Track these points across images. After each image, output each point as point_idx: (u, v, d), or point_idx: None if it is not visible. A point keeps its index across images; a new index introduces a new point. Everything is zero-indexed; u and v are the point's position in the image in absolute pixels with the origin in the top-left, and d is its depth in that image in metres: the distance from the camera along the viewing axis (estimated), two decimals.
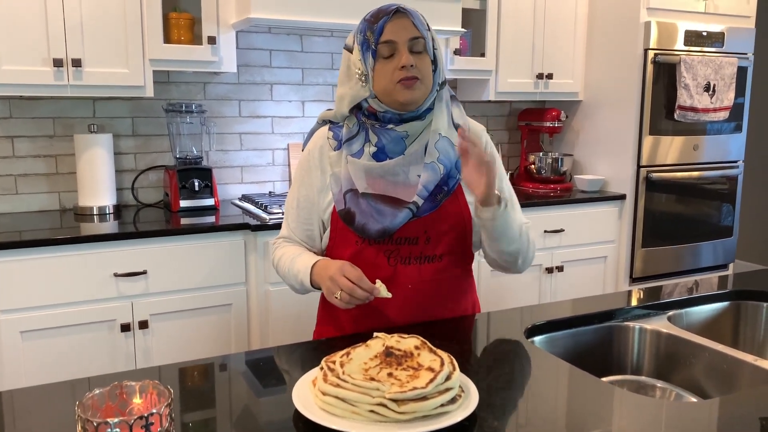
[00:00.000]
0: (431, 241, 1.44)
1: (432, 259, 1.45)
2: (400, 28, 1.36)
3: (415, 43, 1.37)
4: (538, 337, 1.42)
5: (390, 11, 1.37)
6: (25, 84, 2.37)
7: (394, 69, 1.36)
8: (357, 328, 1.46)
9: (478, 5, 3.19)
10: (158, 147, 2.91)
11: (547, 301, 3.17)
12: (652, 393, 1.47)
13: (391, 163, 1.41)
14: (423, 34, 1.38)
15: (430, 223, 1.43)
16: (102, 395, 0.86)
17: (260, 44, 3.03)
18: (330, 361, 1.06)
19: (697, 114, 3.28)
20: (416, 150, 1.42)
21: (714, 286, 1.74)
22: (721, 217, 3.56)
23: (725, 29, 3.36)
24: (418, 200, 1.40)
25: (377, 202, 1.40)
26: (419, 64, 1.37)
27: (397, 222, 1.40)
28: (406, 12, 1.38)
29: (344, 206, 1.42)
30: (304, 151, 1.53)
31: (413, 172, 1.41)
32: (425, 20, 1.42)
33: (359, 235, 1.42)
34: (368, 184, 1.41)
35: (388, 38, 1.36)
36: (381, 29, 1.36)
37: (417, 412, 0.95)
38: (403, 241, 1.43)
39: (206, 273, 2.43)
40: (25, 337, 2.21)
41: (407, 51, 1.36)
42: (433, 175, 1.40)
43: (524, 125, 3.62)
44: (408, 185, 1.41)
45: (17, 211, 2.71)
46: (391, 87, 1.37)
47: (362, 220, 1.41)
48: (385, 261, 1.44)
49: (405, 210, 1.40)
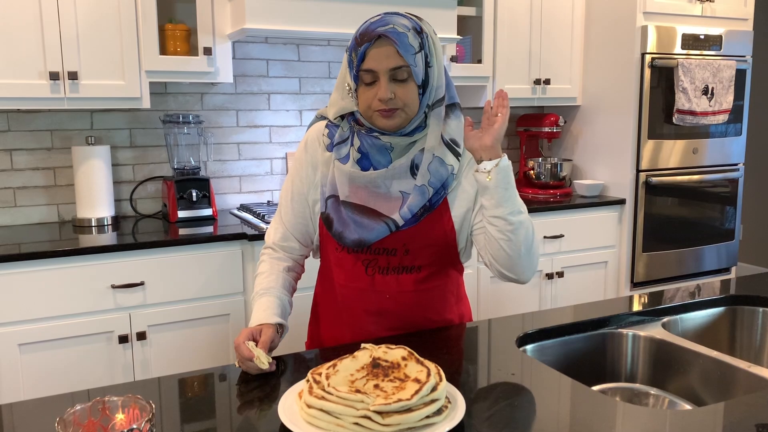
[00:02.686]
0: (410, 253, 1.42)
1: (411, 269, 1.43)
2: (382, 56, 1.30)
3: (398, 72, 1.31)
4: (529, 345, 1.41)
5: (373, 36, 1.29)
6: (22, 97, 2.38)
7: (373, 97, 1.33)
8: (337, 339, 1.46)
9: (474, 12, 3.20)
10: (156, 158, 2.92)
11: (548, 308, 3.16)
12: (646, 400, 1.46)
13: (374, 174, 1.38)
14: (408, 61, 1.29)
15: (409, 238, 1.40)
16: (84, 411, 0.86)
17: (257, 54, 3.04)
18: (316, 373, 1.05)
19: (695, 117, 3.27)
20: (401, 164, 1.38)
21: (716, 291, 1.73)
22: (723, 220, 3.54)
23: (723, 32, 3.35)
24: (399, 220, 1.37)
25: (355, 212, 1.39)
26: (401, 93, 1.31)
27: (374, 235, 1.38)
28: (390, 38, 1.29)
29: (325, 210, 1.42)
30: (300, 143, 1.53)
31: (395, 186, 1.39)
32: (418, 38, 1.31)
33: (338, 242, 1.42)
34: (350, 191, 1.40)
35: (369, 66, 1.31)
36: (362, 56, 1.31)
37: (402, 424, 0.95)
38: (381, 251, 1.42)
39: (204, 283, 2.43)
40: (23, 349, 2.21)
41: (387, 81, 1.31)
42: (421, 199, 1.37)
43: (523, 131, 3.62)
44: (389, 198, 1.39)
45: (16, 223, 2.72)
46: (369, 113, 1.35)
47: (339, 228, 1.40)
48: (363, 270, 1.43)
49: (383, 224, 1.37)
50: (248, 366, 1.24)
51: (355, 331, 1.45)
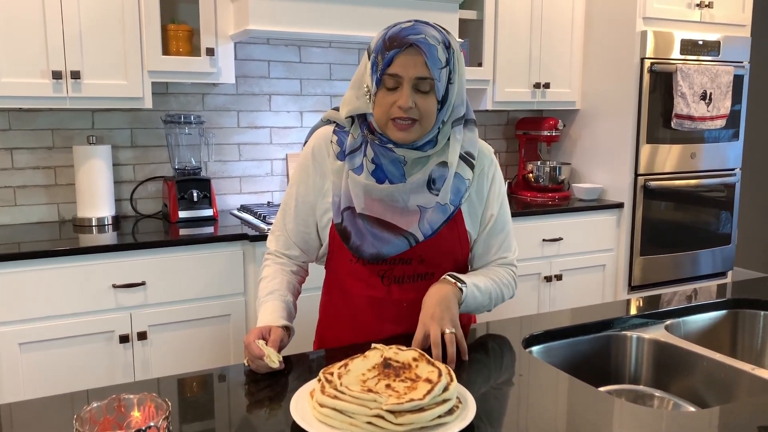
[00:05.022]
0: (425, 261, 1.43)
1: (425, 276, 1.44)
2: (410, 64, 1.29)
3: (421, 83, 1.30)
4: (535, 347, 1.42)
5: (404, 44, 1.28)
6: (24, 96, 2.38)
7: (393, 103, 1.31)
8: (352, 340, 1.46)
9: (475, 15, 3.21)
10: (157, 158, 2.92)
11: (546, 311, 3.17)
12: (650, 402, 1.47)
13: (392, 188, 1.38)
14: (433, 75, 1.29)
15: (425, 249, 1.41)
16: (100, 408, 0.86)
17: (258, 55, 3.04)
18: (328, 373, 1.06)
19: (693, 122, 3.29)
20: (419, 179, 1.38)
21: (713, 295, 1.74)
22: (720, 224, 3.57)
23: (721, 38, 3.38)
24: (419, 235, 1.37)
25: (374, 225, 1.38)
26: (421, 104, 1.31)
27: (393, 249, 1.38)
28: (421, 48, 1.28)
29: (341, 222, 1.40)
30: (305, 149, 1.50)
31: (413, 200, 1.38)
32: (446, 54, 1.31)
33: (353, 254, 1.42)
34: (366, 204, 1.38)
35: (395, 71, 1.29)
36: (390, 60, 1.29)
37: (414, 423, 0.95)
38: (396, 261, 1.42)
39: (205, 284, 2.43)
40: (24, 349, 2.21)
41: (410, 90, 1.30)
42: (442, 216, 1.38)
43: (522, 134, 3.64)
44: (406, 213, 1.38)
45: (16, 222, 2.71)
46: (384, 120, 1.34)
47: (357, 241, 1.39)
48: (379, 281, 1.43)
49: (402, 239, 1.37)
50: (258, 365, 1.24)
51: (369, 339, 1.45)
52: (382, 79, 1.31)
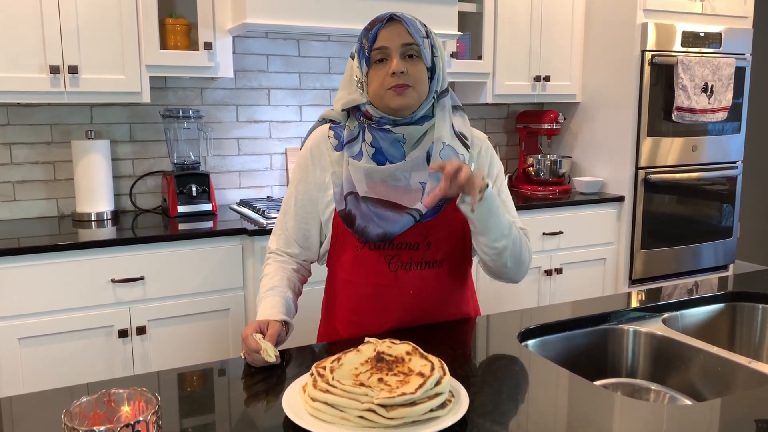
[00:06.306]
0: (432, 246, 1.43)
1: (432, 264, 1.44)
2: (393, 34, 1.36)
3: (408, 49, 1.36)
4: (531, 340, 1.42)
5: (384, 18, 1.38)
6: (22, 91, 2.37)
7: (385, 75, 1.36)
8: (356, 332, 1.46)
9: (475, 8, 3.20)
10: (156, 152, 2.92)
11: (546, 304, 3.16)
12: (646, 396, 1.47)
13: (392, 167, 1.40)
14: (417, 41, 1.36)
15: (430, 229, 1.42)
16: (90, 403, 0.86)
17: (257, 49, 3.03)
18: (320, 367, 1.06)
19: (695, 115, 3.28)
20: (418, 156, 1.40)
21: (714, 287, 1.73)
22: (721, 217, 3.55)
23: (723, 30, 3.36)
24: (422, 208, 1.38)
25: (378, 206, 1.39)
26: (412, 70, 1.36)
27: (399, 227, 1.39)
28: (401, 19, 1.37)
29: (345, 207, 1.41)
30: (303, 149, 1.52)
31: (415, 178, 1.40)
32: (424, 28, 1.41)
33: (359, 239, 1.42)
34: (369, 187, 1.40)
35: (381, 44, 1.37)
36: (374, 36, 1.37)
37: (406, 417, 0.95)
38: (403, 246, 1.42)
39: (204, 278, 2.43)
40: (23, 343, 2.21)
41: (399, 57, 1.36)
42: (437, 185, 1.37)
43: (522, 127, 3.62)
44: (409, 190, 1.40)
45: (15, 217, 2.71)
46: (381, 92, 1.37)
47: (362, 223, 1.40)
48: (386, 267, 1.43)
49: (407, 215, 1.39)
50: (254, 358, 1.24)
51: (375, 329, 1.45)
52: (371, 56, 1.38)
